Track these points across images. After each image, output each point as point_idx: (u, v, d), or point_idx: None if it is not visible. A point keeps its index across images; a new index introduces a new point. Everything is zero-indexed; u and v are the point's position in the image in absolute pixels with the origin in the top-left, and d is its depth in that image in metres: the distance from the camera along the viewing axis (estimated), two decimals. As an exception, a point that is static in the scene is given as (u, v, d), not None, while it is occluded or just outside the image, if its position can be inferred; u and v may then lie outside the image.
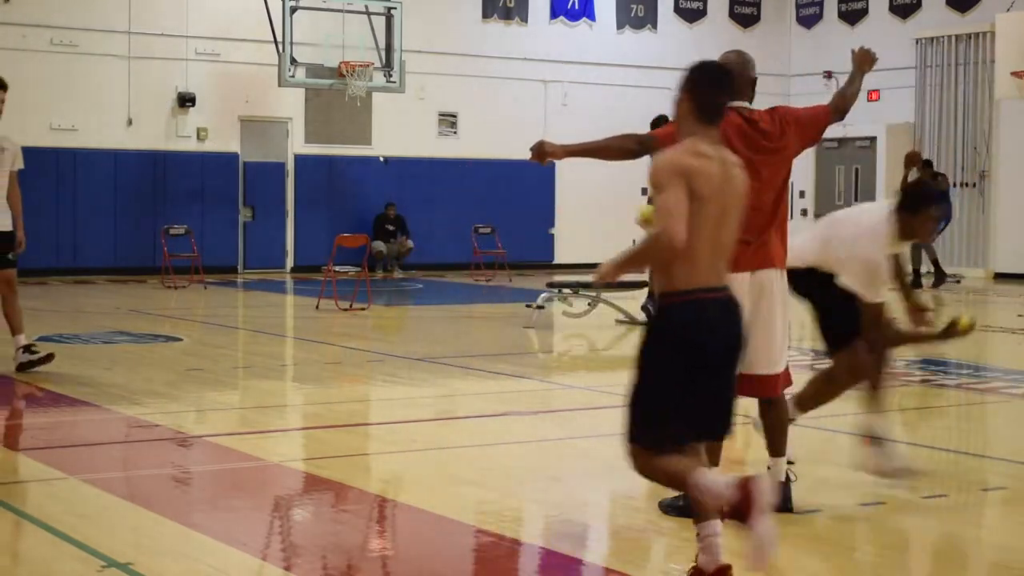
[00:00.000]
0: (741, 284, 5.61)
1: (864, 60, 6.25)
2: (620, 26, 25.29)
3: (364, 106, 22.44)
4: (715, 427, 4.56)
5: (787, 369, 5.85)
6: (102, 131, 20.71)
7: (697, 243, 4.37)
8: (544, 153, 5.51)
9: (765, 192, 5.66)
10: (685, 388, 4.37)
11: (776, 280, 5.68)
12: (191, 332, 13.14)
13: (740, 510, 4.26)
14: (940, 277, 20.05)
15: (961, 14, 23.79)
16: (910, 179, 20.28)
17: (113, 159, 20.74)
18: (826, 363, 6.50)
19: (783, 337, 5.74)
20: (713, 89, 4.58)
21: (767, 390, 5.76)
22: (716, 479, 4.32)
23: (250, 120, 22.14)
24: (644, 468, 4.48)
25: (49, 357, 9.82)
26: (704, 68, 4.64)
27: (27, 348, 9.89)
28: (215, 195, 21.55)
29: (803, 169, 23.78)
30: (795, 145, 5.82)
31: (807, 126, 5.91)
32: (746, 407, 7.80)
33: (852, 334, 6.19)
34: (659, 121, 14.30)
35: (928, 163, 20.54)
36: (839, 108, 6.04)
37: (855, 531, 5.62)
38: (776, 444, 5.81)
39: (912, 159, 20.27)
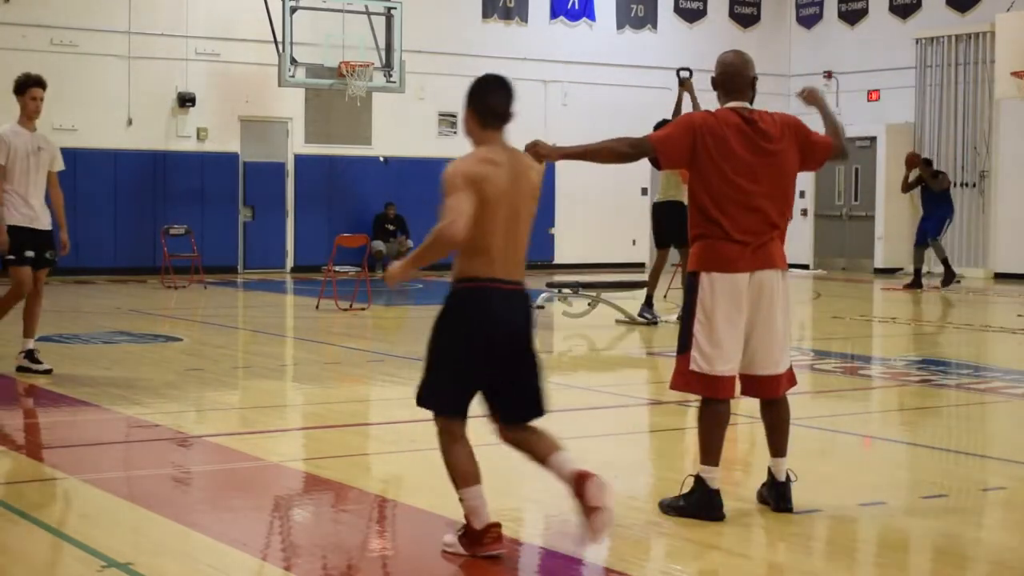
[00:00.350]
0: (741, 285, 5.62)
1: (813, 98, 6.26)
2: (620, 26, 25.29)
3: (364, 106, 22.43)
4: (522, 411, 5.12)
5: (791, 369, 5.86)
6: (102, 131, 20.70)
7: (491, 240, 4.95)
8: (538, 154, 5.52)
9: (762, 197, 5.65)
10: (465, 364, 5.00)
11: (777, 280, 5.69)
12: (191, 332, 13.14)
13: (469, 539, 5.01)
14: (949, 277, 19.86)
15: (961, 14, 23.79)
16: (911, 180, 20.30)
17: (113, 159, 20.74)
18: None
19: (784, 337, 5.75)
20: (488, 98, 5.09)
21: (769, 390, 5.77)
22: (479, 504, 5.01)
23: (250, 120, 22.14)
24: (443, 447, 5.15)
25: (47, 371, 9.78)
26: (479, 81, 5.15)
27: (31, 355, 9.86)
28: (215, 195, 21.55)
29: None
30: (794, 154, 5.78)
31: (813, 146, 5.86)
32: (748, 406, 7.81)
33: None
34: (662, 125, 14.32)
35: (928, 162, 20.49)
36: (841, 147, 5.98)
37: (855, 531, 5.62)
38: (777, 445, 5.82)
39: (912, 160, 20.28)
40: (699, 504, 5.62)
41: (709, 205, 5.65)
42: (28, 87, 9.88)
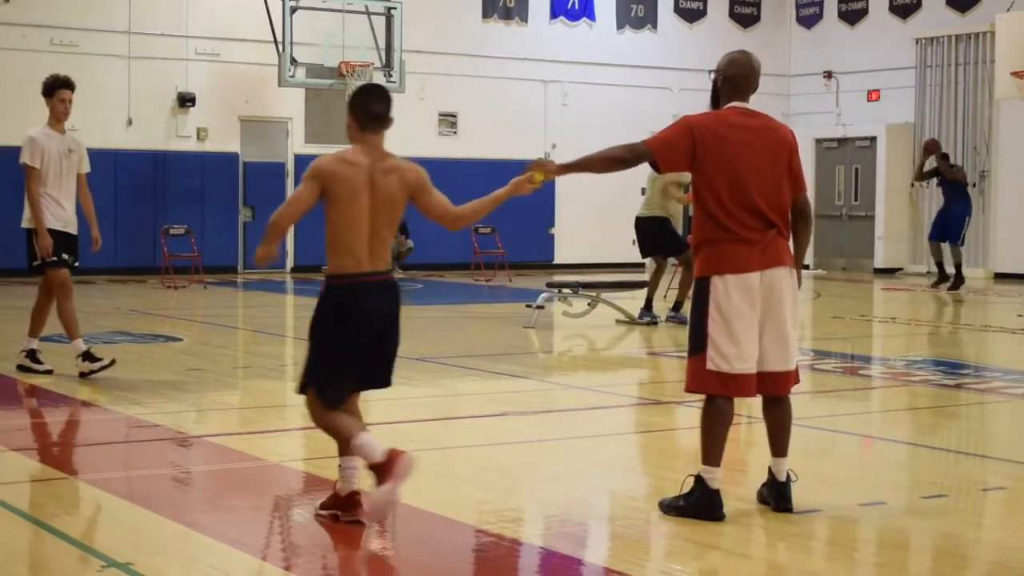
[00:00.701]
0: (753, 284, 5.61)
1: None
2: (620, 26, 25.30)
3: (364, 106, 22.41)
4: (379, 378, 5.69)
5: (796, 367, 5.86)
6: (102, 131, 20.69)
7: (354, 237, 5.43)
8: (542, 170, 5.67)
9: (761, 197, 5.64)
10: (344, 348, 5.47)
11: (786, 278, 5.69)
12: (191, 332, 13.14)
13: (380, 471, 5.29)
14: (958, 282, 19.41)
15: (961, 14, 23.79)
16: (927, 167, 20.08)
17: (113, 159, 20.73)
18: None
19: (793, 334, 5.75)
20: (368, 104, 5.53)
21: (779, 387, 5.76)
22: (371, 443, 5.39)
23: (250, 120, 22.14)
24: (318, 419, 5.58)
25: (48, 372, 9.70)
26: (360, 88, 5.64)
27: (32, 354, 9.81)
28: (215, 195, 21.55)
29: (803, 169, 23.78)
30: (786, 160, 5.76)
31: (797, 171, 5.83)
32: (749, 406, 7.81)
33: None
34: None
35: (945, 156, 20.19)
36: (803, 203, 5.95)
37: (855, 531, 5.62)
38: (779, 444, 5.81)
39: (930, 147, 19.94)
40: (699, 504, 5.61)
41: (715, 208, 5.63)
42: (56, 89, 9.87)
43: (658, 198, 13.83)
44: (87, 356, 9.61)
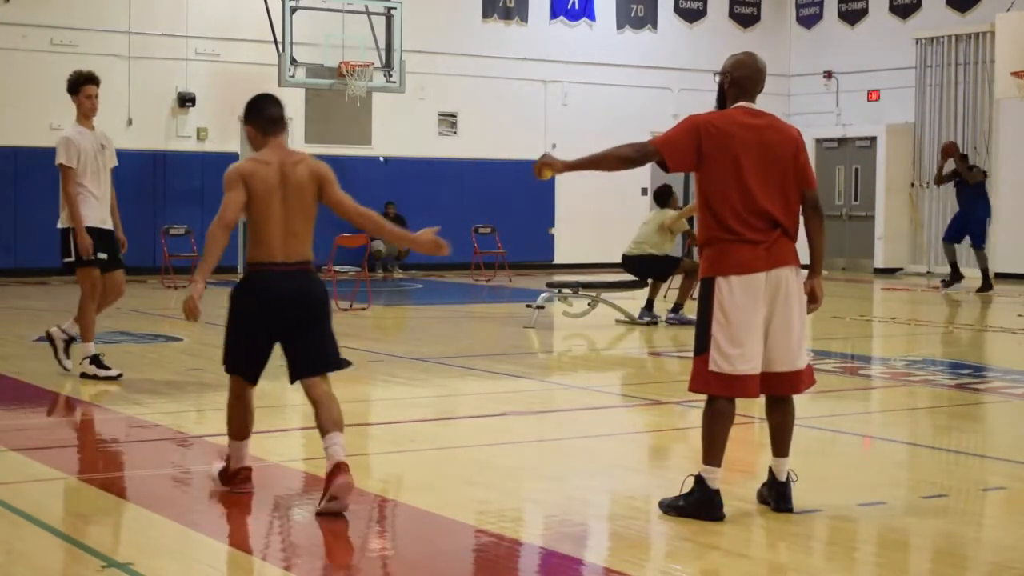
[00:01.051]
0: (759, 285, 5.60)
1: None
2: (620, 26, 25.29)
3: (364, 106, 22.43)
4: (316, 365, 5.98)
5: (810, 367, 5.84)
6: (102, 131, 20.67)
7: (269, 229, 5.92)
8: (542, 166, 5.65)
9: (767, 197, 5.62)
10: (255, 335, 5.98)
11: (791, 277, 5.68)
12: (191, 332, 13.13)
13: (234, 478, 6.02)
14: (986, 284, 19.15)
15: (961, 14, 23.79)
16: (946, 170, 19.96)
17: (113, 159, 20.72)
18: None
19: (800, 333, 5.74)
20: (265, 110, 6.06)
21: (786, 387, 5.75)
22: (244, 453, 6.03)
23: (250, 120, 22.12)
24: (229, 402, 6.21)
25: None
26: (254, 98, 6.13)
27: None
28: (215, 195, 21.23)
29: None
30: (792, 157, 5.75)
31: (805, 166, 5.81)
32: (748, 406, 7.81)
33: None
34: (663, 191, 14.42)
35: (964, 157, 20.03)
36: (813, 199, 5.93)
37: (855, 531, 5.62)
38: (780, 444, 5.80)
39: (948, 150, 19.74)
40: (699, 504, 5.61)
41: (721, 207, 5.61)
42: (81, 85, 9.79)
43: (653, 236, 13.89)
44: (96, 361, 9.52)
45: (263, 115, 6.07)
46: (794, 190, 5.76)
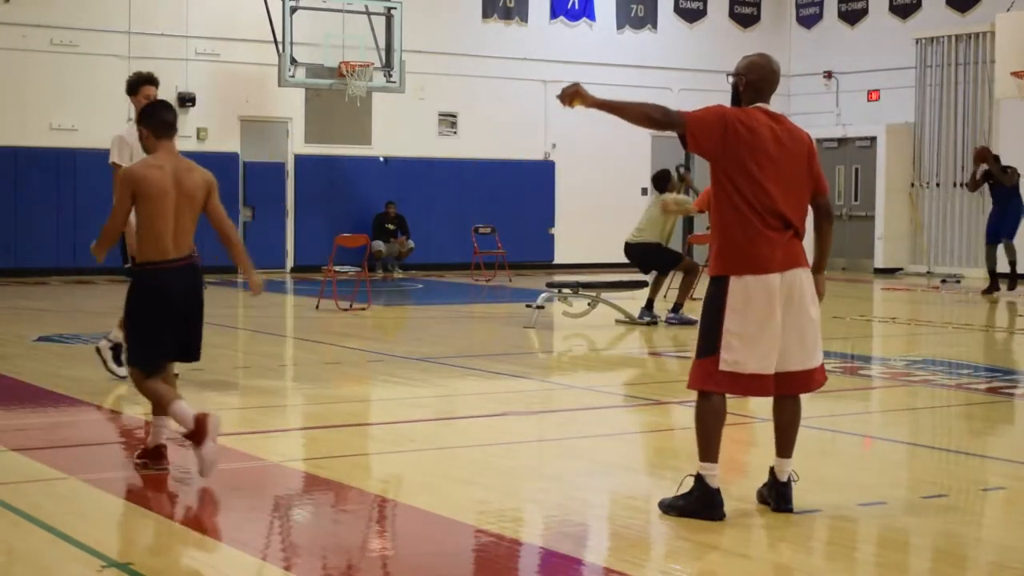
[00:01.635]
0: (774, 285, 5.58)
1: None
2: (620, 26, 25.30)
3: (364, 106, 22.44)
4: (189, 352, 6.60)
5: (822, 366, 5.82)
6: (102, 131, 20.65)
7: (161, 228, 6.37)
8: (574, 94, 5.56)
9: (781, 198, 5.60)
10: (156, 326, 6.40)
11: (804, 278, 5.66)
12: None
13: (196, 435, 6.18)
14: (1014, 279, 18.69)
15: (961, 14, 23.79)
16: (979, 175, 19.76)
17: (113, 159, 20.72)
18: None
19: (815, 333, 5.71)
20: (160, 116, 6.56)
21: (800, 386, 5.73)
22: (185, 409, 6.28)
23: (250, 120, 22.14)
24: (140, 387, 6.49)
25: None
26: (149, 104, 6.76)
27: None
28: (215, 195, 21.51)
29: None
30: (806, 162, 5.74)
31: (818, 172, 5.81)
32: (746, 406, 7.81)
33: None
34: (662, 175, 14.40)
35: (996, 158, 19.78)
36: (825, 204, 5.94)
37: (855, 531, 5.62)
38: (784, 445, 5.79)
39: (982, 154, 19.43)
40: (699, 503, 5.60)
41: (740, 203, 5.55)
42: (140, 86, 9.70)
43: (656, 222, 13.91)
44: (116, 351, 9.45)
45: (159, 119, 6.55)
46: (806, 194, 5.74)
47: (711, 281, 5.70)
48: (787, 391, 5.73)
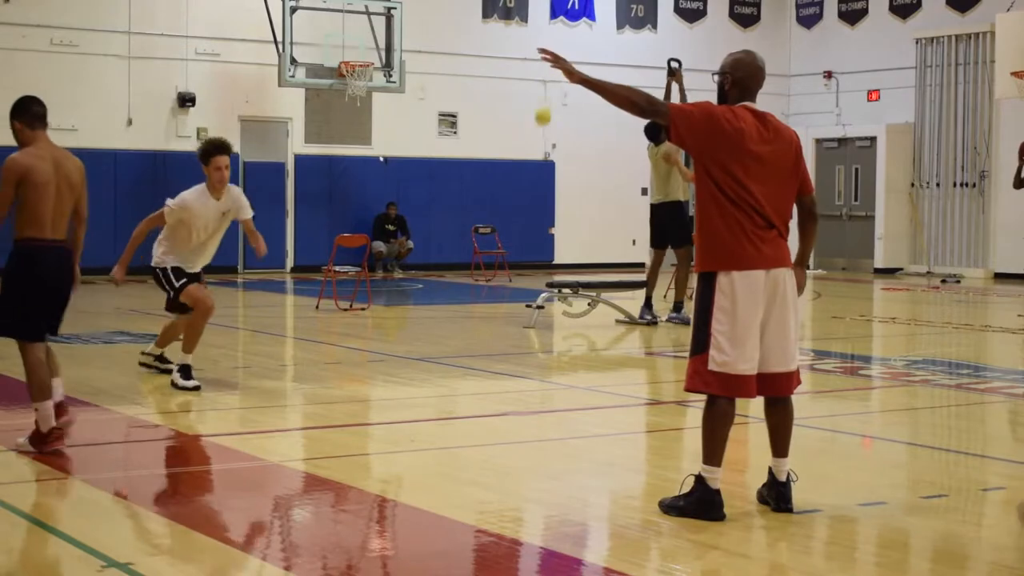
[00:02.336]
0: (759, 282, 5.59)
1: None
2: (620, 26, 25.30)
3: (364, 106, 22.44)
4: (54, 326, 7.10)
5: (799, 370, 5.84)
6: (102, 131, 20.70)
7: (42, 211, 6.86)
8: (563, 69, 5.61)
9: (765, 197, 5.62)
10: (31, 300, 6.91)
11: (788, 278, 5.68)
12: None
13: (42, 440, 6.86)
14: None
15: (961, 14, 23.80)
16: None
17: (113, 159, 20.73)
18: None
19: (795, 335, 5.73)
20: (31, 108, 6.96)
21: (781, 388, 5.75)
22: (49, 413, 6.92)
23: (250, 120, 22.14)
24: (25, 357, 6.97)
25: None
26: (20, 100, 7.01)
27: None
28: (215, 195, 21.51)
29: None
30: (792, 162, 5.75)
31: (804, 172, 5.82)
32: (745, 406, 7.80)
33: None
34: (652, 127, 14.34)
35: None
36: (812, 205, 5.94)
37: (855, 531, 5.62)
38: (780, 445, 5.80)
39: None
40: (699, 504, 5.61)
41: (724, 200, 5.58)
42: (211, 156, 9.81)
43: (665, 178, 13.86)
44: (185, 372, 9.31)
45: (31, 112, 6.97)
46: (791, 194, 5.75)
47: (699, 277, 5.72)
48: (769, 392, 5.75)
